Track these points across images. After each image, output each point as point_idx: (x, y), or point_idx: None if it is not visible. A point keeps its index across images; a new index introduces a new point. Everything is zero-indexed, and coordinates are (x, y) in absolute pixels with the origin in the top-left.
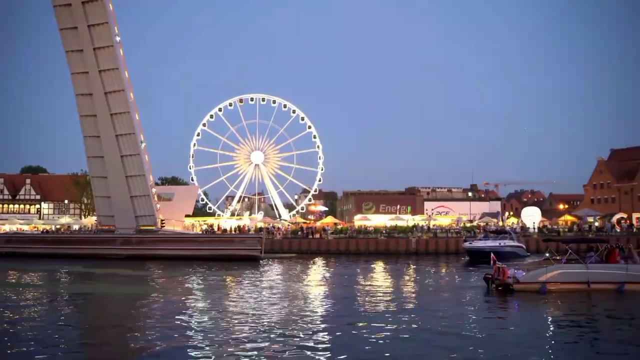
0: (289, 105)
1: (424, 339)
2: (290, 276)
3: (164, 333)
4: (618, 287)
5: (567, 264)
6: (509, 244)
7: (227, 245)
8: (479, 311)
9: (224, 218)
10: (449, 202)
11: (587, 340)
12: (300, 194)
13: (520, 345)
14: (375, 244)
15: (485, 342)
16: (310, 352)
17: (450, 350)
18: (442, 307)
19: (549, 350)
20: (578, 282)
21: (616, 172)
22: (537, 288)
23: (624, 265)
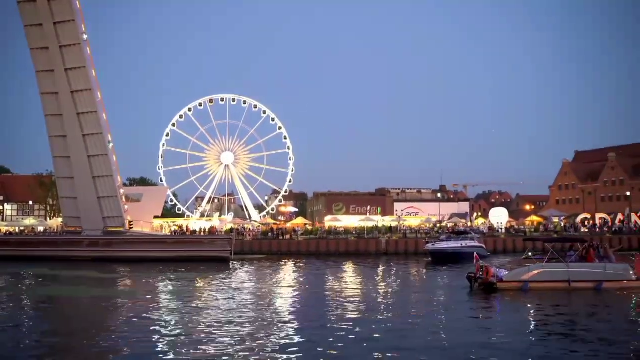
0: (260, 106)
1: (416, 340)
2: (260, 277)
3: (131, 337)
4: (596, 285)
5: (548, 263)
6: (470, 244)
7: (196, 247)
8: (469, 310)
9: (193, 219)
10: (419, 203)
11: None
12: (271, 194)
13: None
14: (345, 245)
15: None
16: (281, 354)
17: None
18: (427, 308)
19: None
20: (559, 281)
21: (580, 174)
22: (519, 287)
23: (602, 265)
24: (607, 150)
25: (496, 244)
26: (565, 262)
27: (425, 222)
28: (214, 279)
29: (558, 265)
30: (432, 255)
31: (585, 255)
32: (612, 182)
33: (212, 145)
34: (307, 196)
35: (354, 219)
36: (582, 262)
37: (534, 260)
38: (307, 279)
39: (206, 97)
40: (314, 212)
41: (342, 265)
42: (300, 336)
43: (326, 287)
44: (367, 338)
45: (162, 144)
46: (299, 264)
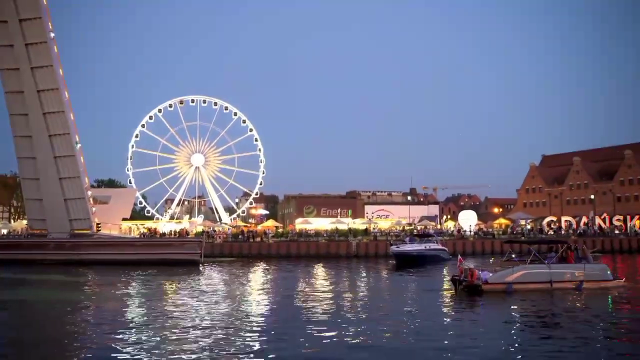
0: (231, 108)
1: (403, 342)
2: (230, 280)
3: (97, 342)
4: (577, 285)
5: (531, 265)
6: (433, 247)
7: (165, 250)
8: (461, 313)
9: (162, 222)
10: (389, 205)
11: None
12: (241, 197)
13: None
14: (316, 247)
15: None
16: (251, 358)
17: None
18: (415, 311)
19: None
20: (541, 282)
21: (547, 177)
22: (503, 288)
23: (582, 265)
24: (572, 155)
25: (465, 246)
26: (547, 264)
27: (395, 225)
28: (183, 282)
29: (540, 267)
30: (397, 258)
31: (565, 256)
32: (577, 185)
33: (182, 147)
34: (278, 199)
35: (325, 222)
36: (562, 263)
37: (517, 262)
38: (277, 281)
39: (176, 99)
40: (284, 215)
41: (312, 268)
42: (269, 339)
43: (296, 289)
44: (348, 342)
45: (131, 145)
46: (269, 267)
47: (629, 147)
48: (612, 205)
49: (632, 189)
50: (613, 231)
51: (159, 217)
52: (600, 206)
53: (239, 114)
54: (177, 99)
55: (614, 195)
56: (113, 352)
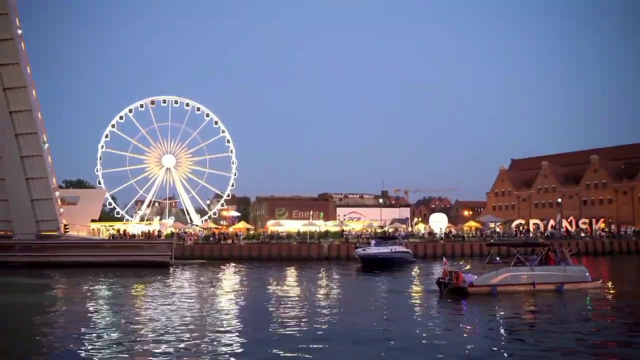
0: (203, 109)
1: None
2: (200, 283)
3: (63, 345)
4: (557, 287)
5: (515, 267)
6: (399, 249)
7: (135, 251)
8: (452, 316)
9: (132, 223)
10: (361, 208)
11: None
12: (213, 198)
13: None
14: (287, 250)
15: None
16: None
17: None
18: (403, 314)
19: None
20: (525, 284)
21: (516, 181)
22: (488, 290)
23: (562, 267)
24: (540, 159)
25: (435, 248)
26: (530, 266)
27: (367, 227)
28: (152, 285)
29: (523, 269)
30: (363, 260)
31: (545, 259)
32: (545, 189)
33: (153, 147)
34: (250, 200)
35: (297, 224)
36: (543, 265)
37: (500, 265)
38: (247, 284)
39: (148, 99)
40: (256, 217)
41: (284, 270)
42: (238, 342)
43: (267, 292)
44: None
45: (100, 145)
46: (240, 269)
47: (595, 152)
48: (578, 208)
49: (597, 193)
50: (579, 234)
51: (128, 219)
52: (567, 209)
53: (211, 115)
54: (149, 99)
55: (580, 199)
56: (79, 356)
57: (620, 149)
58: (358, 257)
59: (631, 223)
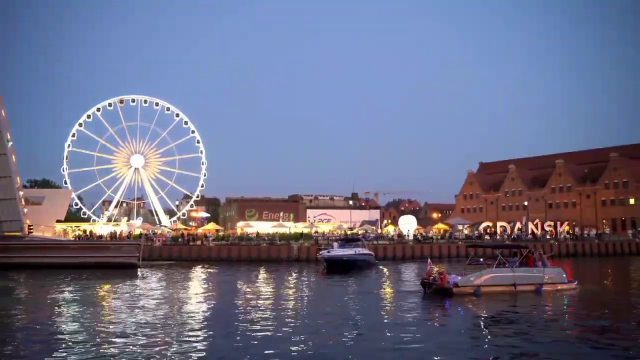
0: (173, 109)
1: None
2: (168, 284)
3: (25, 349)
4: (536, 288)
5: (497, 269)
6: (363, 252)
7: (102, 253)
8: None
9: (99, 224)
10: (331, 209)
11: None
12: (182, 199)
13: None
14: (257, 251)
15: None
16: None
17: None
18: (391, 314)
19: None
20: (506, 285)
21: (484, 184)
22: (473, 291)
23: (541, 269)
24: (508, 163)
25: (405, 250)
26: (511, 268)
27: (337, 229)
28: (119, 286)
29: (505, 270)
30: (328, 262)
31: (525, 260)
32: (512, 192)
33: (121, 147)
34: (220, 201)
35: (267, 225)
36: (523, 267)
37: (482, 265)
38: (216, 285)
39: (116, 97)
40: (226, 218)
41: (253, 272)
42: (205, 345)
43: (236, 293)
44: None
45: (67, 144)
46: (209, 271)
47: (560, 157)
48: (544, 211)
49: (562, 197)
50: (544, 236)
51: (95, 219)
52: (533, 212)
53: (181, 115)
54: (117, 98)
55: (546, 202)
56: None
57: (584, 154)
58: (322, 259)
59: (593, 226)
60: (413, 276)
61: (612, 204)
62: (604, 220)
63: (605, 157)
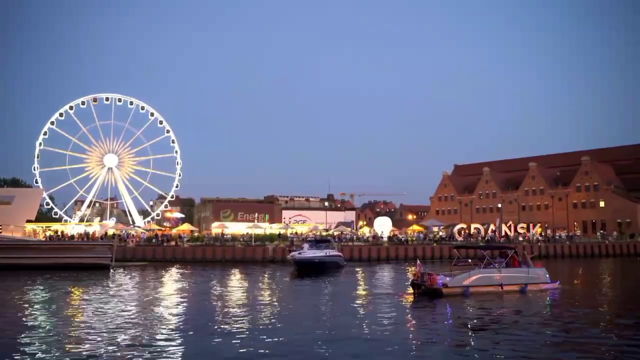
0: (147, 108)
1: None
2: (141, 286)
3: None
4: (521, 288)
5: (485, 269)
6: (332, 253)
7: (74, 253)
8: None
9: (71, 224)
10: (307, 211)
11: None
12: (156, 200)
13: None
14: (232, 252)
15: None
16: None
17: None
18: (381, 314)
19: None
20: (493, 285)
21: (458, 186)
22: (461, 291)
23: (526, 269)
24: (482, 165)
25: (380, 252)
26: (497, 268)
27: (312, 230)
28: (91, 288)
29: (492, 271)
30: (299, 264)
31: (510, 261)
32: (486, 194)
33: (94, 146)
34: (195, 202)
35: (242, 226)
36: (508, 267)
37: (469, 266)
38: (190, 286)
39: (90, 96)
40: (200, 219)
41: (228, 273)
42: (176, 347)
43: (208, 295)
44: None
45: (38, 142)
46: (183, 272)
47: (533, 160)
48: (517, 213)
49: (535, 199)
50: (517, 238)
51: (67, 220)
52: (507, 214)
53: (155, 115)
54: (91, 96)
55: (519, 204)
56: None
57: (557, 157)
58: (293, 261)
59: (565, 228)
60: (389, 278)
61: (583, 206)
62: (575, 222)
63: (577, 160)
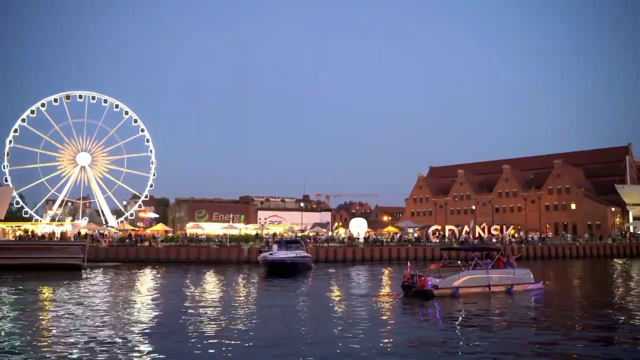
0: (122, 106)
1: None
2: (113, 286)
3: None
4: (508, 288)
5: (474, 271)
6: (302, 254)
7: (45, 254)
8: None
9: (42, 223)
10: (282, 211)
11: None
12: (130, 199)
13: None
14: (207, 253)
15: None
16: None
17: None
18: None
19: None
20: (482, 286)
21: (433, 188)
22: (451, 293)
23: (512, 270)
24: (457, 167)
25: (355, 253)
26: (485, 269)
27: (288, 231)
28: (62, 289)
29: (480, 272)
30: (269, 266)
31: (496, 263)
32: (461, 196)
33: (67, 144)
34: (169, 202)
35: (217, 227)
36: (495, 269)
37: (457, 267)
38: (163, 287)
39: (63, 93)
40: (175, 219)
41: (202, 274)
42: (146, 349)
43: (182, 296)
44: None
45: (8, 140)
46: (157, 272)
47: (507, 162)
48: (490, 215)
49: (508, 201)
50: (491, 240)
51: (38, 219)
52: (481, 216)
53: (130, 113)
54: (64, 93)
55: (493, 206)
56: None
57: (530, 160)
58: (264, 261)
59: (537, 230)
60: (372, 279)
61: (555, 209)
62: (547, 224)
63: (550, 163)
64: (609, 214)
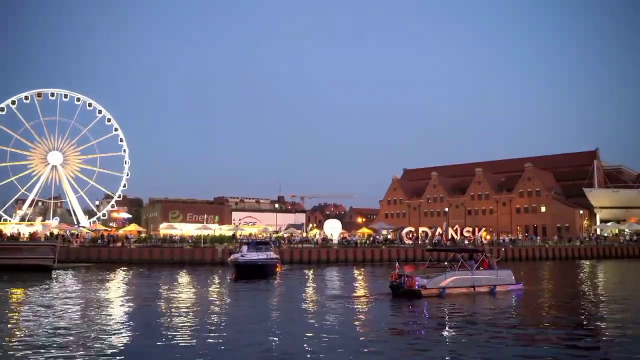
0: (95, 105)
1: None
2: (85, 287)
3: None
4: (491, 289)
5: (460, 271)
6: (273, 256)
7: (13, 254)
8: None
9: (11, 223)
10: (257, 212)
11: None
12: (103, 199)
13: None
14: (180, 254)
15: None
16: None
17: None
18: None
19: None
20: (467, 287)
21: (407, 190)
22: (438, 292)
23: (495, 271)
24: (430, 170)
25: (329, 254)
26: (470, 270)
27: (262, 232)
28: (31, 290)
29: (466, 273)
30: (240, 268)
31: (481, 264)
32: (434, 198)
33: (38, 143)
34: (143, 202)
35: (191, 227)
36: (480, 270)
37: (443, 268)
38: (135, 289)
39: (34, 90)
40: (148, 219)
41: (175, 275)
42: (115, 351)
43: (154, 298)
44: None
45: None
46: (129, 273)
47: (479, 165)
48: (463, 217)
49: (480, 204)
50: (463, 242)
51: (7, 219)
52: (453, 218)
53: (103, 112)
54: (35, 90)
55: (465, 208)
56: None
57: (502, 163)
58: (235, 263)
59: (509, 232)
60: (338, 281)
61: (525, 211)
62: (518, 226)
63: (521, 167)
64: (577, 217)
